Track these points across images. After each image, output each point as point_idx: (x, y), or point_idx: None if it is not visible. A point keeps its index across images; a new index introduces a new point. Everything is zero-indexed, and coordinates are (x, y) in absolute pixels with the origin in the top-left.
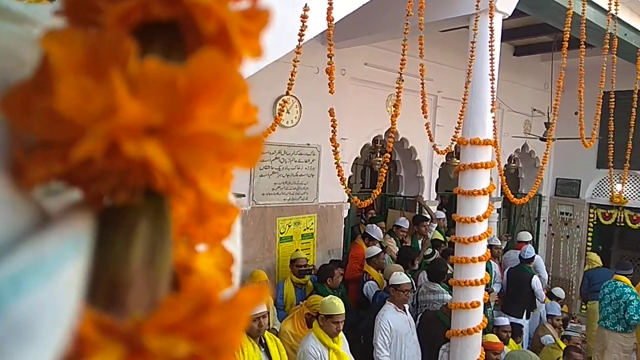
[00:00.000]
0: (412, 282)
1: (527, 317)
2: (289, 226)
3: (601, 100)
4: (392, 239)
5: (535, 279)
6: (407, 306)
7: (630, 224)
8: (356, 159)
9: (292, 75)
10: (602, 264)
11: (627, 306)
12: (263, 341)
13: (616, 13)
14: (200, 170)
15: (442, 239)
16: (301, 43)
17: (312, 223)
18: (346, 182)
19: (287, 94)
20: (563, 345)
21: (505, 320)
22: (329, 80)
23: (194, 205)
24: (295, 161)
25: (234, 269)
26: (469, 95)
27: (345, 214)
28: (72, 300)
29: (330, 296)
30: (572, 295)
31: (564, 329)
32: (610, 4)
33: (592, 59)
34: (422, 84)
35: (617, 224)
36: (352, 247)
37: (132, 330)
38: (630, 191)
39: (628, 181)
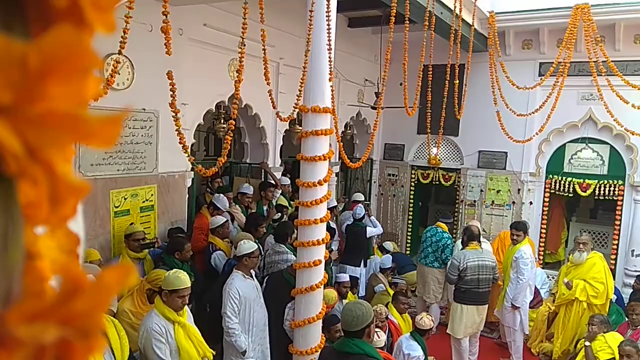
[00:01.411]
0: (259, 247)
1: (365, 265)
2: (125, 199)
3: (421, 73)
4: (237, 206)
5: (369, 228)
6: (253, 272)
7: (443, 182)
8: (198, 125)
9: (124, 32)
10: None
11: (444, 249)
12: None
13: None
14: (54, 151)
15: (286, 204)
16: None
17: (152, 194)
18: (189, 150)
19: (120, 53)
20: (392, 292)
21: (345, 277)
22: (166, 40)
23: (47, 188)
24: (130, 127)
25: (79, 250)
26: (309, 64)
27: (189, 184)
28: None
29: (174, 270)
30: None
31: (392, 278)
32: None
33: (415, 34)
34: (264, 49)
35: (433, 183)
36: (196, 217)
37: None
38: (443, 154)
39: (442, 145)
